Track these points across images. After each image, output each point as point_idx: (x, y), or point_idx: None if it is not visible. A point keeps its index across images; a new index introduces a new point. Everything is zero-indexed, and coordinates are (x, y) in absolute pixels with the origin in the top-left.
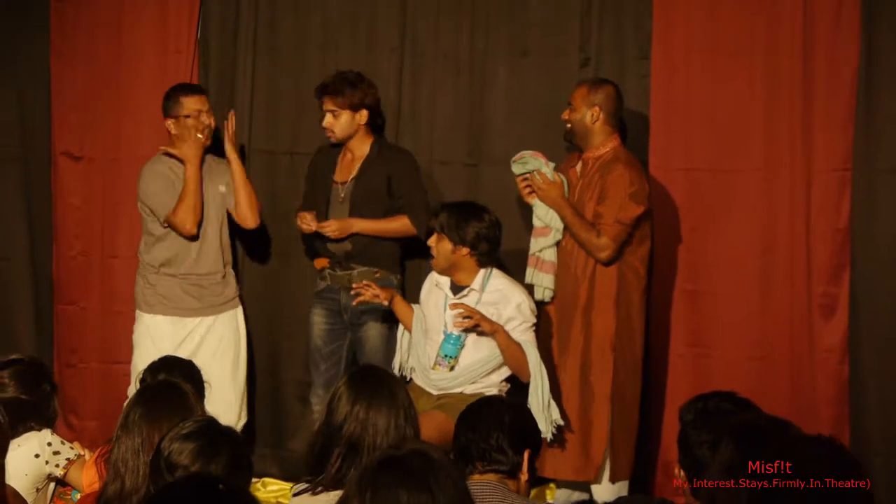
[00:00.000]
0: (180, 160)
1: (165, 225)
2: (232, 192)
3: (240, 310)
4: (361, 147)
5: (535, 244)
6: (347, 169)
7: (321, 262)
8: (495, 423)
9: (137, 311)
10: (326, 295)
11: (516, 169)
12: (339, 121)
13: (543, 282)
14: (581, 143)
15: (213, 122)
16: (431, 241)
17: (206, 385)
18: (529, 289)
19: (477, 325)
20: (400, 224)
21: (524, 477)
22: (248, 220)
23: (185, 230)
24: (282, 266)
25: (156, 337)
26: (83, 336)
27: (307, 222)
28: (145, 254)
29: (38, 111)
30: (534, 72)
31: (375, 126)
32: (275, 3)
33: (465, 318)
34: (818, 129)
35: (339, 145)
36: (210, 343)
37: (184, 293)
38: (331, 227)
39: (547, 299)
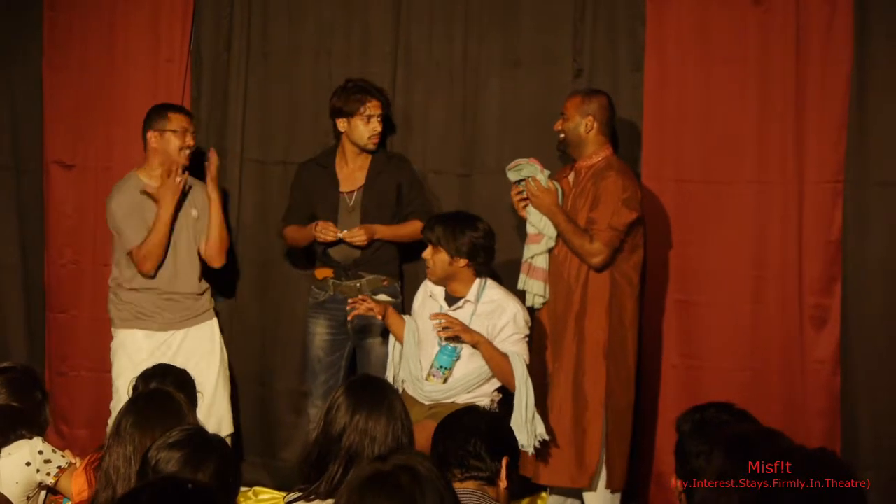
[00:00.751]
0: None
1: (129, 252)
2: (204, 217)
3: (215, 322)
4: (362, 155)
5: (528, 251)
6: (351, 178)
7: (324, 272)
8: (472, 431)
9: (112, 329)
10: (330, 305)
11: (512, 176)
12: (381, 126)
13: (534, 288)
14: (574, 152)
15: (193, 144)
16: (427, 254)
17: (198, 395)
18: (521, 295)
19: (457, 336)
20: (413, 229)
21: (503, 484)
22: (215, 260)
23: (143, 269)
24: (273, 276)
25: (131, 351)
26: (74, 344)
27: (331, 231)
28: (118, 271)
29: (30, 120)
30: (527, 81)
31: None
32: (268, 11)
33: (445, 328)
34: (810, 141)
35: (329, 158)
36: (185, 354)
37: (157, 308)
38: (360, 235)
39: (538, 306)
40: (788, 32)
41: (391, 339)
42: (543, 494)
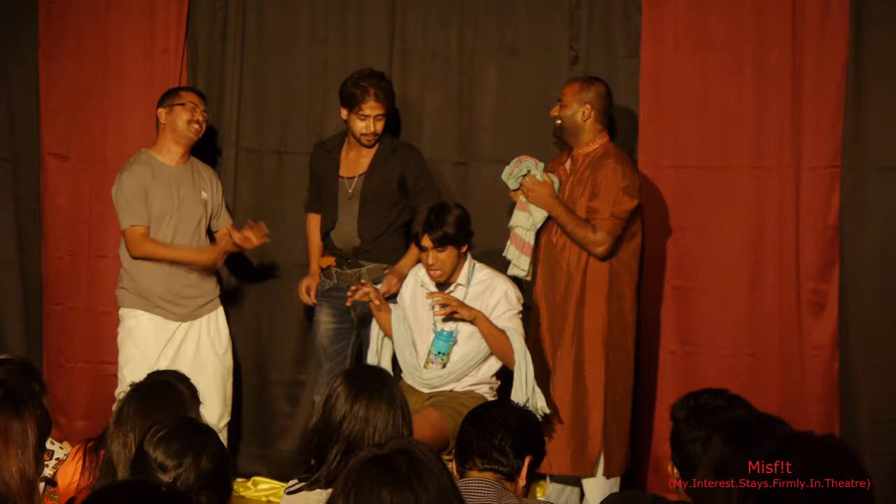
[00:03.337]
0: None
1: (122, 230)
2: (210, 199)
3: (220, 310)
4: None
5: (515, 218)
6: (354, 164)
7: (326, 261)
8: (501, 424)
9: (121, 311)
10: (334, 294)
11: (512, 184)
12: (381, 124)
13: (516, 258)
14: (571, 139)
15: (203, 120)
16: (432, 258)
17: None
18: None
19: (454, 312)
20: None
21: (522, 482)
22: None
23: (131, 251)
24: (269, 265)
25: (137, 338)
26: (71, 336)
27: (372, 291)
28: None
29: (25, 111)
30: (523, 69)
31: None
32: (262, 0)
33: (442, 306)
34: (807, 126)
35: (337, 143)
36: (191, 343)
37: (175, 296)
38: (392, 285)
39: (520, 276)
40: (785, 17)
41: (374, 327)
42: (542, 482)
